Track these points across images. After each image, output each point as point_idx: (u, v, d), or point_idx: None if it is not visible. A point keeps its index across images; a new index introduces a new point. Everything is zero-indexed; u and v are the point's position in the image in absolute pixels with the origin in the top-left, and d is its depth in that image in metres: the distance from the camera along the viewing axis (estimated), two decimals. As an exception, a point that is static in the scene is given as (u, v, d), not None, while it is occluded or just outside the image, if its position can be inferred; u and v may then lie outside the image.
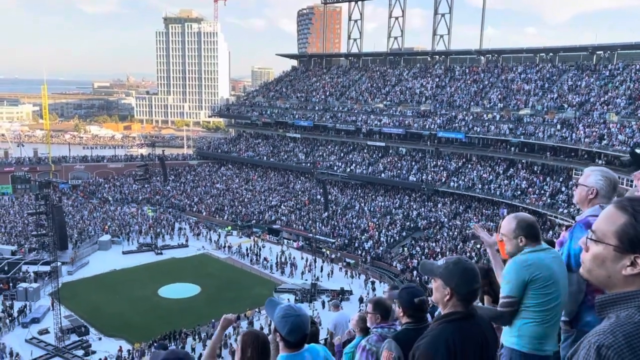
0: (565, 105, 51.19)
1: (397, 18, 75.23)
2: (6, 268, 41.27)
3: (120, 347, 31.07)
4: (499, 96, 57.28)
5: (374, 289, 39.33)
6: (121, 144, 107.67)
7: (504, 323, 3.13)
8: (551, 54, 60.75)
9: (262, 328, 31.88)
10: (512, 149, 51.54)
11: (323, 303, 37.10)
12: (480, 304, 3.53)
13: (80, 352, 31.41)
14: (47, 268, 40.00)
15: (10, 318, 35.02)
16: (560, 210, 42.46)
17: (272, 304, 3.08)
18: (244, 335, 3.09)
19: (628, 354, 1.27)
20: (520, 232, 3.10)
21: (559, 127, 48.64)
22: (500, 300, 3.09)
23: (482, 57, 66.18)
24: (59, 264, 38.98)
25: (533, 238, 3.10)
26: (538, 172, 49.99)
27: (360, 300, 36.48)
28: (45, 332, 33.32)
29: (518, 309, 3.03)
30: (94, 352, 31.40)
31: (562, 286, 3.03)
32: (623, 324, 1.34)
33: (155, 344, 27.79)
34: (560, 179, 47.31)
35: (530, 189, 47.82)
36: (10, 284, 39.62)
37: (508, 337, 3.13)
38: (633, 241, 1.40)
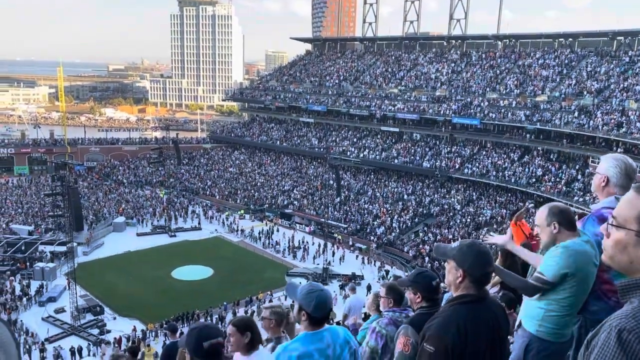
0: (584, 92, 50.34)
1: (413, 2, 74.38)
2: (23, 248, 42.02)
3: (134, 326, 31.62)
4: (516, 82, 56.50)
5: (385, 276, 39.39)
6: (135, 127, 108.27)
7: (526, 294, 3.11)
8: (570, 39, 59.63)
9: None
10: (528, 135, 50.93)
11: (342, 286, 35.77)
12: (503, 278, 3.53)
13: (95, 331, 32.06)
14: (63, 248, 40.71)
15: (27, 297, 35.75)
16: (576, 198, 41.99)
17: (292, 285, 3.14)
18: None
19: None
20: (552, 218, 3.02)
21: (576, 114, 47.89)
22: (536, 275, 3.03)
23: (500, 42, 65.20)
24: (74, 244, 39.61)
25: (567, 224, 3.00)
26: (554, 159, 49.40)
27: (368, 288, 36.44)
28: (61, 310, 34.02)
29: (547, 291, 3.00)
30: (108, 331, 32.01)
31: (592, 279, 3.00)
32: None
33: (165, 325, 28.27)
34: (577, 167, 46.72)
35: (545, 177, 47.31)
36: (27, 264, 40.41)
37: (529, 321, 3.11)
38: None
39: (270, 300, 35.31)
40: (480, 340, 2.40)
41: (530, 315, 3.11)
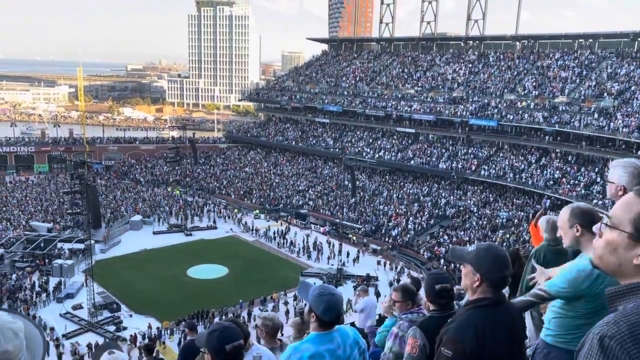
0: (604, 94, 49.59)
1: (430, 2, 73.86)
2: (42, 245, 42.72)
3: (150, 324, 31.90)
4: (534, 83, 55.86)
5: (399, 279, 39.22)
6: (153, 126, 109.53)
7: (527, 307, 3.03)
8: (590, 40, 58.77)
9: (287, 312, 32.27)
10: (546, 137, 50.30)
11: (355, 287, 35.32)
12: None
13: (112, 328, 32.42)
14: (81, 246, 41.23)
15: (46, 293, 36.31)
16: (595, 201, 41.30)
17: (305, 285, 3.14)
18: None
19: (631, 345, 1.24)
20: (575, 220, 2.88)
21: (596, 116, 47.20)
22: (539, 288, 2.93)
23: (518, 43, 64.54)
24: (92, 242, 40.08)
25: (591, 227, 2.86)
26: (572, 162, 48.72)
27: (390, 284, 36.32)
28: (79, 307, 34.46)
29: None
30: (125, 328, 32.34)
31: None
32: (628, 315, 1.31)
33: (183, 322, 28.49)
34: (596, 170, 46.01)
35: (563, 179, 46.69)
36: (46, 260, 41.03)
37: (544, 331, 3.01)
38: None
39: (286, 302, 35.40)
40: (498, 344, 2.38)
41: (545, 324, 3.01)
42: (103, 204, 54.42)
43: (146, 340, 29.87)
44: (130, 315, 34.26)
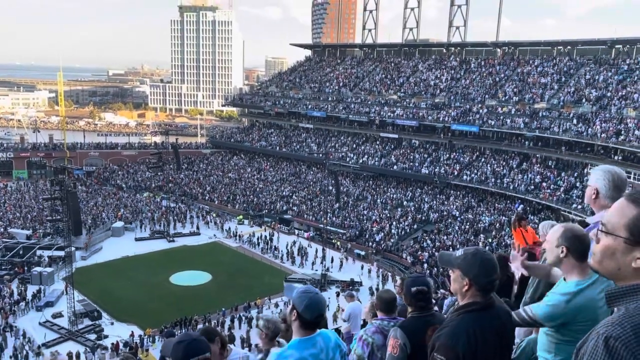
0: (583, 100, 50.51)
1: (412, 9, 74.62)
2: (21, 252, 41.97)
3: (132, 332, 31.50)
4: (515, 89, 56.69)
5: (384, 282, 39.34)
6: (135, 132, 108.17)
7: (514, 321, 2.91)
8: (569, 47, 59.86)
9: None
10: (527, 143, 51.05)
11: (338, 294, 35.87)
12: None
13: (92, 336, 31.94)
14: (61, 253, 40.60)
15: (25, 301, 35.61)
16: (575, 205, 42.03)
17: (292, 286, 3.16)
18: None
19: (636, 345, 1.27)
20: (563, 241, 2.76)
21: (575, 121, 48.04)
22: (526, 312, 2.82)
23: (499, 50, 65.44)
24: (73, 249, 39.48)
25: (577, 254, 2.69)
26: (552, 166, 49.50)
27: (371, 292, 36.43)
28: (59, 315, 33.90)
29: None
30: (106, 337, 31.89)
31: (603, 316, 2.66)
32: (632, 316, 1.35)
33: (166, 329, 28.16)
34: (575, 174, 46.80)
35: (544, 184, 47.38)
36: (25, 268, 40.28)
37: (543, 354, 2.88)
38: None
39: (268, 308, 35.22)
40: (489, 348, 2.42)
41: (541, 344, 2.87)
42: (84, 211, 53.69)
43: (127, 349, 29.52)
44: (112, 323, 33.78)
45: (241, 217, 55.35)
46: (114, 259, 43.93)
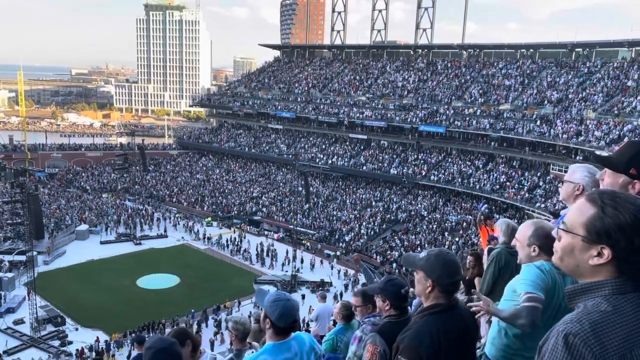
0: (545, 101, 51.90)
1: (380, 11, 75.28)
2: (-20, 257, 40.46)
3: (98, 337, 30.77)
4: (480, 91, 57.82)
5: (355, 282, 39.54)
6: (100, 133, 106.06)
7: (524, 324, 2.65)
8: (531, 50, 61.42)
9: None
10: (492, 143, 52.14)
11: (303, 296, 35.85)
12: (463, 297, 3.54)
13: (56, 343, 31.07)
14: (22, 257, 39.29)
15: (-16, 308, 34.38)
16: (538, 204, 43.15)
17: (262, 291, 3.12)
18: None
19: (594, 342, 1.32)
20: (535, 240, 2.84)
21: (538, 122, 49.31)
22: (523, 296, 2.72)
23: (464, 52, 66.62)
24: (34, 253, 38.35)
25: (549, 252, 2.65)
26: (517, 166, 50.68)
27: (335, 297, 36.54)
28: (20, 322, 32.85)
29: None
30: (70, 343, 31.04)
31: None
32: (589, 313, 1.40)
33: (133, 335, 27.63)
34: (538, 174, 48.05)
35: (508, 183, 48.48)
36: (-16, 274, 38.86)
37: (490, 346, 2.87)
38: (600, 233, 1.45)
39: (238, 310, 34.97)
40: (452, 349, 2.45)
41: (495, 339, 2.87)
42: (46, 214, 52.15)
43: (94, 354, 28.85)
44: (76, 329, 32.91)
45: (210, 219, 54.73)
46: (78, 263, 42.76)
